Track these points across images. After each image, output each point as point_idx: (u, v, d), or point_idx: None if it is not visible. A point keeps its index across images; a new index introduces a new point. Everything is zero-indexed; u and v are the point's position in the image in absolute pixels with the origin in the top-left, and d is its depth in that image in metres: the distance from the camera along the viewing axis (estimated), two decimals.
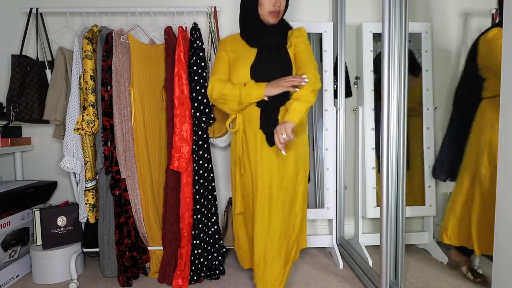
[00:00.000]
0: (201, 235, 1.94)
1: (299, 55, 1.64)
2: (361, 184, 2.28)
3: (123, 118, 1.89)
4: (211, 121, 1.90)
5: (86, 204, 1.96)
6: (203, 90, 1.89)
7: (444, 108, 2.47)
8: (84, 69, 1.89)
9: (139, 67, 1.91)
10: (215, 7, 2.17)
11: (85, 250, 2.03)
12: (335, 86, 2.26)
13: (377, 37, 2.29)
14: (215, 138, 2.08)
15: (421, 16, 2.45)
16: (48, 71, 2.08)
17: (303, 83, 1.49)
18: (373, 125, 2.25)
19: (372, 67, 2.25)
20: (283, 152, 1.44)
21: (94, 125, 1.89)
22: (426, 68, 2.29)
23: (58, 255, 1.97)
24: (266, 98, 1.56)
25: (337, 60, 2.28)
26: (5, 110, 2.05)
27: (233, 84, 1.62)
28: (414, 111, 2.31)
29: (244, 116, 1.65)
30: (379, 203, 1.74)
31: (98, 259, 2.22)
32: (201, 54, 1.90)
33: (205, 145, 1.94)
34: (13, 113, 2.00)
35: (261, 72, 1.60)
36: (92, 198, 1.97)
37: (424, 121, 2.27)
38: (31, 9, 2.11)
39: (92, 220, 1.98)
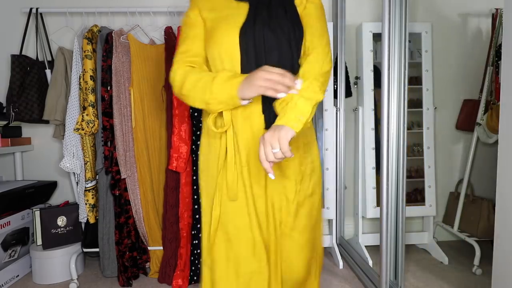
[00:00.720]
0: (201, 235, 1.94)
1: (306, 20, 1.07)
2: (361, 184, 2.28)
3: (123, 118, 1.89)
4: None
5: (86, 204, 1.96)
6: None
7: (444, 108, 2.47)
8: (84, 69, 1.89)
9: (139, 67, 1.91)
10: None
11: (85, 250, 2.03)
12: (335, 86, 2.26)
13: (377, 37, 2.29)
14: None
15: (421, 16, 2.45)
16: (48, 71, 2.08)
17: (294, 91, 0.93)
18: (373, 125, 2.25)
19: (372, 67, 2.25)
20: (271, 176, 0.89)
21: (94, 125, 1.89)
22: (426, 68, 2.29)
23: (58, 255, 1.97)
24: (243, 102, 0.97)
25: (337, 60, 2.28)
26: (5, 110, 2.05)
27: (199, 75, 1.01)
28: None
29: (237, 110, 1.04)
30: (379, 203, 1.74)
31: (98, 259, 2.22)
32: None
33: None
34: (13, 113, 2.00)
35: (255, 39, 1.00)
36: (92, 198, 1.97)
37: (424, 121, 2.27)
38: (31, 9, 2.11)
39: (92, 220, 1.98)
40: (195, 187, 1.91)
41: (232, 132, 1.05)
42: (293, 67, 1.02)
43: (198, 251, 1.92)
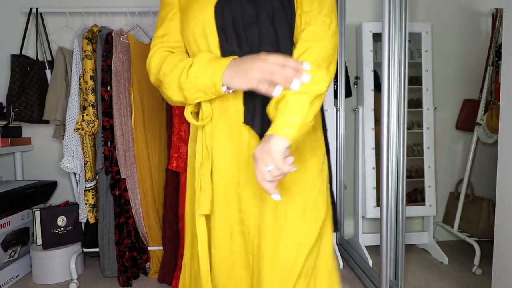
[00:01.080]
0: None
1: None
2: (361, 184, 2.28)
3: (123, 118, 1.89)
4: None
5: (86, 204, 1.96)
6: None
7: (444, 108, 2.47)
8: (84, 69, 1.89)
9: (139, 67, 1.91)
10: None
11: (85, 250, 2.03)
12: (335, 86, 2.26)
13: (377, 37, 2.29)
14: None
15: (421, 16, 2.45)
16: (48, 71, 2.08)
17: (297, 82, 0.72)
18: (373, 125, 2.25)
19: (372, 67, 2.25)
20: (276, 197, 0.72)
21: (94, 125, 1.89)
22: (426, 68, 2.29)
23: (58, 255, 1.97)
24: (228, 91, 0.79)
25: (337, 60, 2.28)
26: (5, 110, 2.05)
27: (179, 57, 0.85)
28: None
29: (213, 102, 0.86)
30: (379, 203, 1.74)
31: (98, 259, 2.22)
32: None
33: None
34: (13, 113, 2.00)
35: (232, 14, 0.82)
36: (92, 198, 1.97)
37: (424, 121, 2.27)
38: (31, 9, 2.11)
39: (92, 220, 1.98)
40: None
41: (210, 128, 0.87)
42: (278, 47, 0.82)
43: None
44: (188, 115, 0.85)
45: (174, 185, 1.91)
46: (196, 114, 0.89)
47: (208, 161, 0.86)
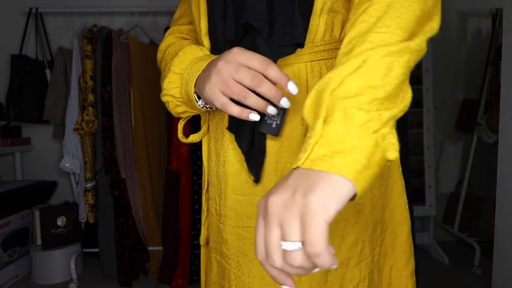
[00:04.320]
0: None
1: None
2: None
3: (123, 118, 1.89)
4: None
5: (85, 204, 1.96)
6: None
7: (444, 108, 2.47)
8: (84, 69, 1.89)
9: (139, 67, 1.91)
10: None
11: (85, 250, 2.03)
12: None
13: None
14: None
15: None
16: (47, 71, 2.08)
17: (270, 110, 0.48)
18: None
19: None
20: None
21: (93, 125, 1.89)
22: (426, 68, 2.29)
23: (58, 255, 1.97)
24: (206, 108, 0.57)
25: None
26: (5, 110, 2.05)
27: (181, 46, 0.64)
28: None
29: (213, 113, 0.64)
30: None
31: (98, 259, 2.22)
32: None
33: None
34: (13, 113, 2.00)
35: None
36: (92, 198, 1.97)
37: (424, 121, 2.27)
38: (30, 9, 2.11)
39: (91, 220, 1.98)
40: (195, 187, 1.91)
41: (207, 141, 0.66)
42: (271, 24, 0.52)
43: (199, 251, 1.93)
44: (179, 129, 0.64)
45: (174, 185, 1.91)
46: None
47: (204, 181, 0.68)
